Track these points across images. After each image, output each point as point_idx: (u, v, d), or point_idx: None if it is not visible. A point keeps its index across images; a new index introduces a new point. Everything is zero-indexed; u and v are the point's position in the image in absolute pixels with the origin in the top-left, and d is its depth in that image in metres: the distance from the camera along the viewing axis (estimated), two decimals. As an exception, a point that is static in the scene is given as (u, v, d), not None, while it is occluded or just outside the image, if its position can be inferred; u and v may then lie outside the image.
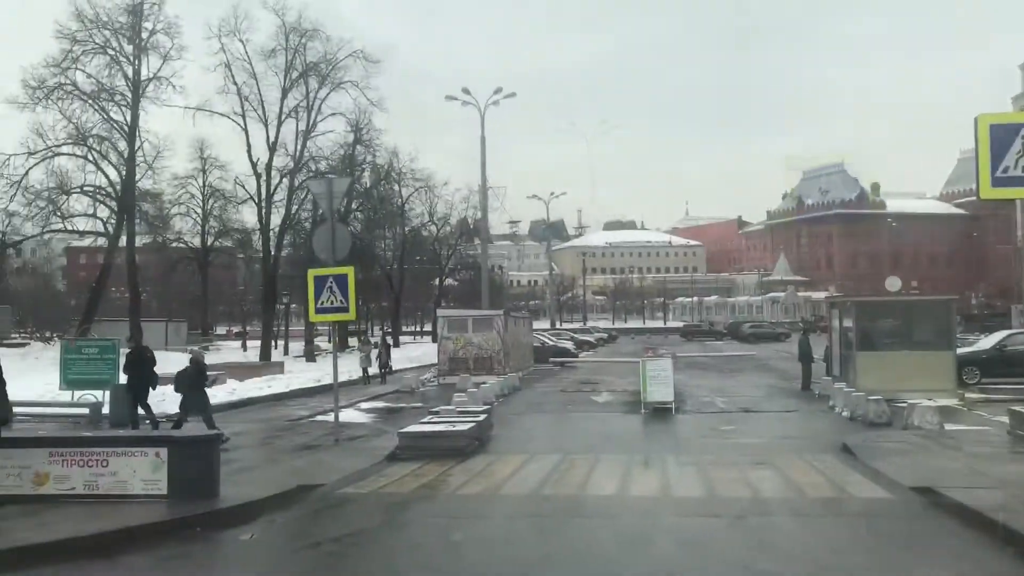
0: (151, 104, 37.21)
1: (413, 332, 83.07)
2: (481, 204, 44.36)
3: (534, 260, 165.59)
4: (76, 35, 35.04)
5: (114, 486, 9.99)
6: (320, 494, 11.10)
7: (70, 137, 35.59)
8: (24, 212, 35.47)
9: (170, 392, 17.20)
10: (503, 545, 8.39)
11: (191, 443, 10.22)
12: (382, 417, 21.03)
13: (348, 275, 15.37)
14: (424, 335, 78.04)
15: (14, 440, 10.27)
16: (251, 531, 9.19)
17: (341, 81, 39.71)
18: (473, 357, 31.10)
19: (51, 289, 67.33)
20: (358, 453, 14.38)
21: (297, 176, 40.41)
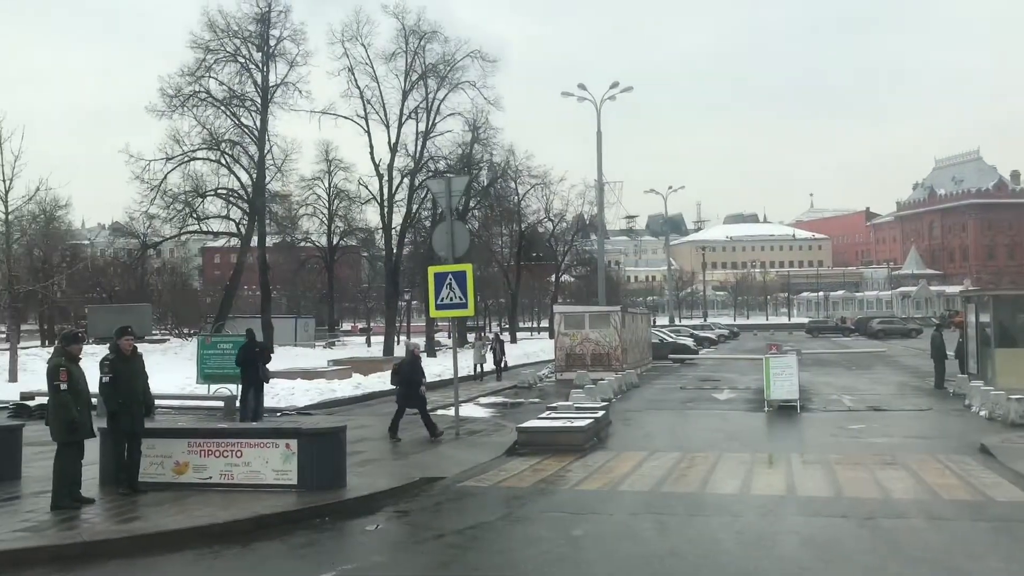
0: (279, 109, 38.71)
1: (530, 328, 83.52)
2: (597, 199, 44.16)
3: (651, 255, 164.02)
4: (209, 44, 36.80)
5: (248, 476, 10.45)
6: (442, 486, 11.33)
7: (204, 142, 37.38)
8: (163, 215, 37.46)
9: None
10: (624, 541, 8.34)
11: (319, 435, 10.58)
12: (501, 412, 21.24)
13: (467, 272, 15.61)
14: (541, 331, 78.42)
15: (156, 431, 10.87)
16: (376, 521, 9.44)
17: (459, 81, 40.34)
18: (590, 353, 31.02)
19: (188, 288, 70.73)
20: (478, 447, 14.59)
21: (417, 176, 41.17)
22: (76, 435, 9.57)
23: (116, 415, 10.10)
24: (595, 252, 68.20)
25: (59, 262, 51.86)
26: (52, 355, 9.86)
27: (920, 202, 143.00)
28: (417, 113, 40.50)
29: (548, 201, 59.98)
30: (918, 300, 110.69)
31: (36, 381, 25.19)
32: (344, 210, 54.42)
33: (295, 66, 38.20)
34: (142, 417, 10.40)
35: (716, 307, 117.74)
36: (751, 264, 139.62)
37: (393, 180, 40.85)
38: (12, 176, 25.27)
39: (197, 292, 72.48)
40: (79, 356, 9.89)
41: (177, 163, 36.73)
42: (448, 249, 15.81)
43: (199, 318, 48.09)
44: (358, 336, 70.74)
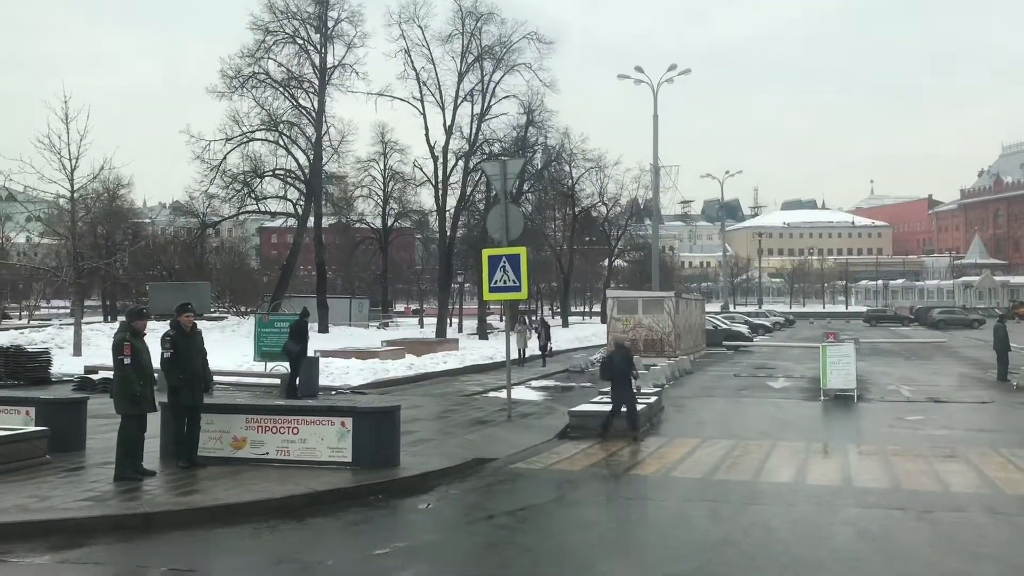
0: (336, 91, 39.02)
1: (582, 312, 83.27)
2: (653, 183, 43.86)
3: (707, 241, 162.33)
4: (268, 26, 37.15)
5: (304, 452, 10.61)
6: (494, 467, 11.38)
7: (263, 123, 37.84)
8: (222, 194, 38.09)
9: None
10: (677, 528, 8.30)
11: (374, 414, 10.69)
12: (553, 395, 21.26)
13: (521, 255, 15.57)
14: (592, 315, 78.17)
15: (215, 406, 11.08)
16: (428, 500, 9.53)
17: (515, 63, 40.15)
18: (643, 339, 30.83)
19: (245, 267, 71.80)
20: (530, 429, 14.62)
21: (472, 158, 41.21)
22: (138, 408, 9.81)
23: (176, 390, 10.31)
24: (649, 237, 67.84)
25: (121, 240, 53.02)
26: (117, 330, 10.09)
27: (985, 190, 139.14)
28: (472, 95, 40.53)
29: (603, 185, 59.76)
30: (981, 290, 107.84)
31: (99, 356, 25.87)
32: (399, 192, 54.81)
33: (352, 48, 38.50)
34: (201, 392, 10.61)
35: (772, 294, 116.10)
36: (808, 251, 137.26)
37: (448, 162, 40.94)
38: (78, 155, 25.89)
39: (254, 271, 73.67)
40: (143, 331, 10.12)
41: (236, 143, 37.30)
42: (502, 232, 15.79)
43: (256, 297, 48.85)
44: (411, 317, 71.25)
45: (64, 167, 25.86)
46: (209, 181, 36.80)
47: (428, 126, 40.18)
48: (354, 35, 38.38)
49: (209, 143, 36.56)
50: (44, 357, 20.71)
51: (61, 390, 19.26)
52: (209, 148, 36.51)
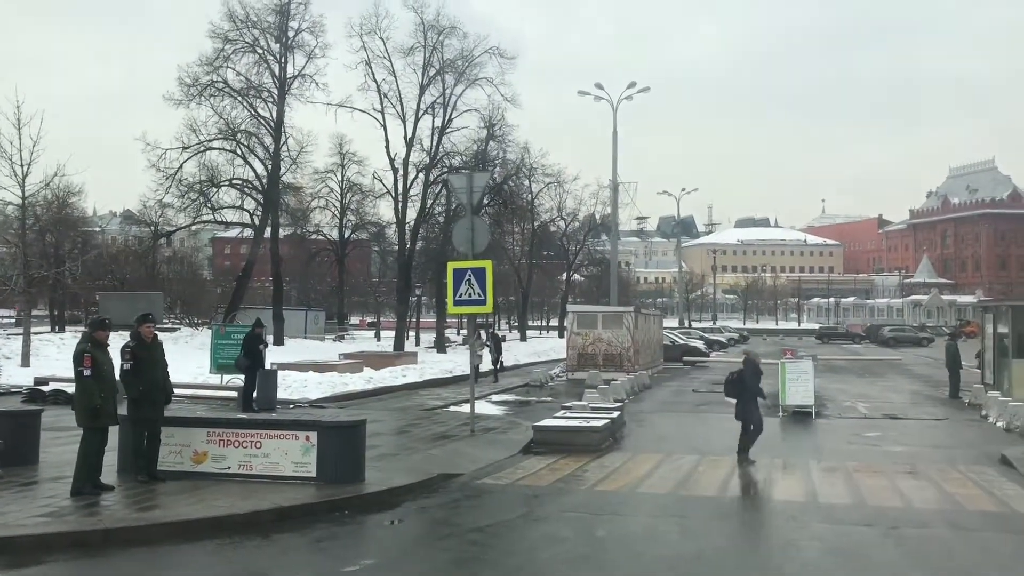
0: (296, 101, 38.65)
1: (539, 327, 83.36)
2: (612, 200, 44.00)
3: (662, 257, 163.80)
4: (228, 35, 36.70)
5: (267, 467, 10.41)
6: (460, 483, 11.27)
7: (221, 132, 37.32)
8: (177, 204, 37.45)
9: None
10: (648, 543, 8.28)
11: (340, 428, 10.52)
12: (513, 410, 21.18)
13: (487, 268, 15.50)
14: (551, 330, 78.28)
15: (176, 419, 10.84)
16: (395, 517, 9.39)
17: (477, 78, 40.09)
18: (602, 353, 30.91)
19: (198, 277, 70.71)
20: (494, 445, 14.52)
21: (432, 171, 41.10)
22: (99, 421, 9.54)
23: (137, 402, 10.05)
24: (607, 252, 68.23)
25: (71, 248, 51.93)
26: (79, 341, 9.81)
27: (933, 210, 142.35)
28: (434, 108, 40.38)
29: (561, 200, 59.93)
30: (929, 309, 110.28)
31: (48, 366, 25.25)
32: (357, 204, 54.44)
33: (313, 58, 38.17)
34: (162, 405, 10.36)
35: (726, 310, 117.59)
36: (762, 268, 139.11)
37: (408, 175, 40.74)
38: (31, 161, 25.26)
39: (206, 282, 72.57)
40: (106, 342, 9.84)
41: (193, 152, 36.71)
42: (468, 245, 15.72)
43: (210, 308, 48.14)
44: (366, 331, 70.72)
45: (15, 173, 25.25)
46: (164, 190, 36.22)
47: (389, 138, 40.04)
48: (315, 45, 38.13)
49: (165, 151, 36.00)
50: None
51: (10, 401, 18.72)
52: (165, 156, 35.94)
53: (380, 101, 39.49)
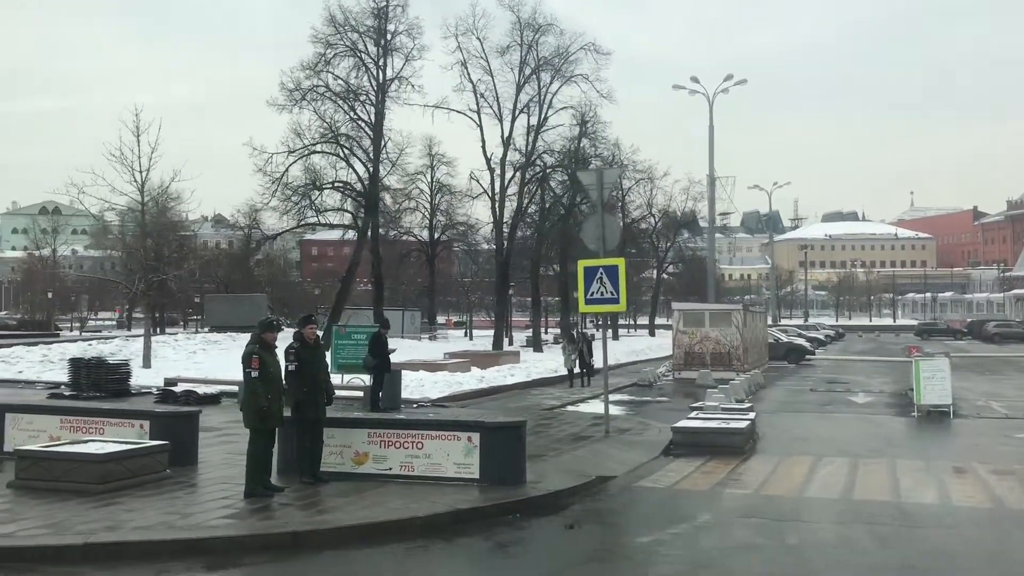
0: (393, 103, 38.95)
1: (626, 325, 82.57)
2: (708, 195, 43.18)
3: (746, 253, 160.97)
4: (329, 39, 37.21)
5: (429, 468, 10.31)
6: (617, 486, 11.01)
7: (323, 136, 37.86)
8: (281, 207, 38.09)
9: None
10: (846, 551, 7.89)
11: (502, 429, 10.38)
12: (633, 410, 20.81)
13: (619, 266, 15.22)
14: (639, 328, 77.49)
15: (337, 420, 10.82)
16: (567, 520, 9.19)
17: (572, 74, 39.88)
18: (710, 352, 30.37)
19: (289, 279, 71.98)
20: (633, 446, 14.22)
21: (528, 170, 40.99)
22: (267, 422, 9.57)
23: (301, 404, 10.07)
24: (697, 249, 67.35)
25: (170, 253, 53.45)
26: (248, 342, 9.86)
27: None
28: (529, 107, 40.29)
29: (651, 196, 59.28)
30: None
31: (169, 367, 25.91)
32: (446, 204, 54.77)
33: (410, 60, 38.44)
34: (325, 406, 10.38)
35: (815, 307, 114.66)
36: (851, 263, 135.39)
37: (505, 174, 40.70)
38: (149, 167, 26.00)
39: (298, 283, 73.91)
40: (274, 344, 9.88)
41: (298, 156, 37.34)
42: (599, 242, 15.47)
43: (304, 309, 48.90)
44: (453, 330, 71.04)
45: (135, 179, 25.98)
46: (271, 194, 36.87)
47: (485, 138, 40.08)
48: (412, 47, 38.40)
49: (271, 155, 36.66)
50: (124, 369, 20.65)
51: (144, 402, 19.18)
52: (272, 160, 36.60)
53: (476, 101, 39.61)
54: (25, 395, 19.99)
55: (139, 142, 25.84)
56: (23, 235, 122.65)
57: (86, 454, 9.70)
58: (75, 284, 72.89)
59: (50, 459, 9.71)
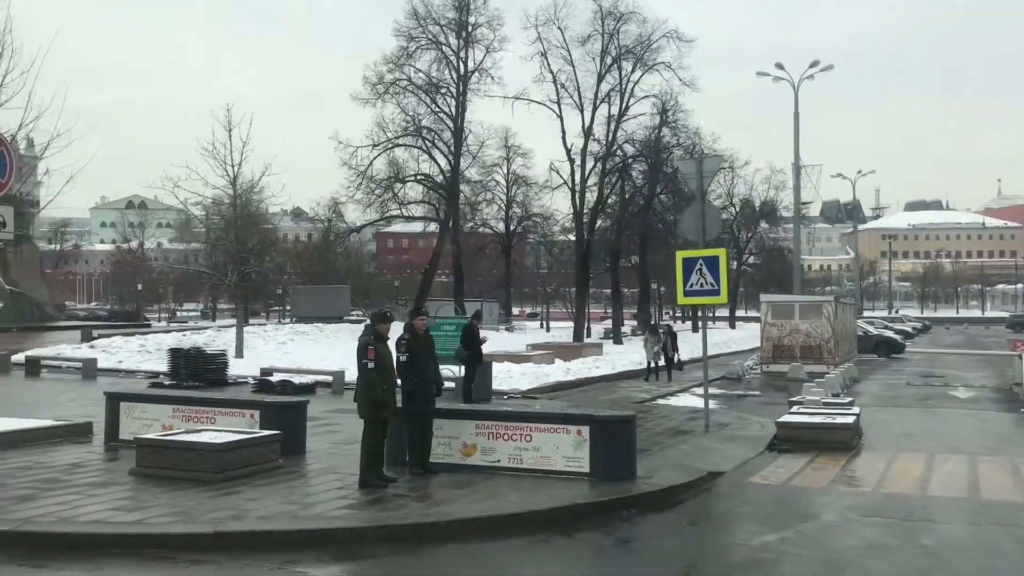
0: (473, 95, 39.01)
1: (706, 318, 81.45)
2: (794, 184, 42.16)
3: (825, 243, 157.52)
4: (411, 32, 37.44)
5: (537, 461, 10.22)
6: (729, 482, 10.78)
7: (405, 129, 38.15)
8: (365, 199, 38.49)
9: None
10: (988, 555, 7.56)
11: (613, 423, 10.24)
12: (727, 404, 20.44)
13: (720, 257, 14.94)
14: (717, 320, 76.43)
15: (445, 411, 10.80)
16: (681, 516, 9.03)
17: (655, 63, 39.38)
18: (799, 345, 29.65)
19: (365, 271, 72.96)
20: (736, 441, 13.93)
21: (608, 161, 40.66)
22: (382, 414, 9.59)
23: (412, 395, 10.07)
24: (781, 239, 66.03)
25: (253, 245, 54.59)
26: (362, 333, 9.90)
27: None
28: (610, 97, 39.94)
29: (731, 185, 58.33)
30: None
31: (261, 357, 26.35)
32: (522, 196, 54.66)
33: (491, 51, 38.42)
34: (434, 397, 10.37)
35: (899, 299, 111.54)
36: (936, 253, 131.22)
37: (586, 165, 40.42)
38: (240, 162, 26.51)
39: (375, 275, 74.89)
40: (388, 335, 9.89)
41: (382, 150, 37.72)
42: (698, 233, 15.17)
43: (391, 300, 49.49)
44: (526, 321, 71.03)
45: (227, 173, 26.51)
46: (356, 187, 37.29)
47: (565, 128, 39.85)
48: (492, 39, 38.39)
49: (356, 149, 37.08)
50: (221, 359, 21.09)
51: (242, 391, 19.55)
52: (356, 154, 37.01)
53: (556, 92, 39.37)
54: (127, 384, 20.57)
55: (231, 137, 26.39)
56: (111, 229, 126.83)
57: (204, 443, 9.85)
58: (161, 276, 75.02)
59: (169, 448, 9.89)
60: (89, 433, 12.77)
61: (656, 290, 65.86)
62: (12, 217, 8.97)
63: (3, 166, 8.96)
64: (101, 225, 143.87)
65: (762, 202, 61.65)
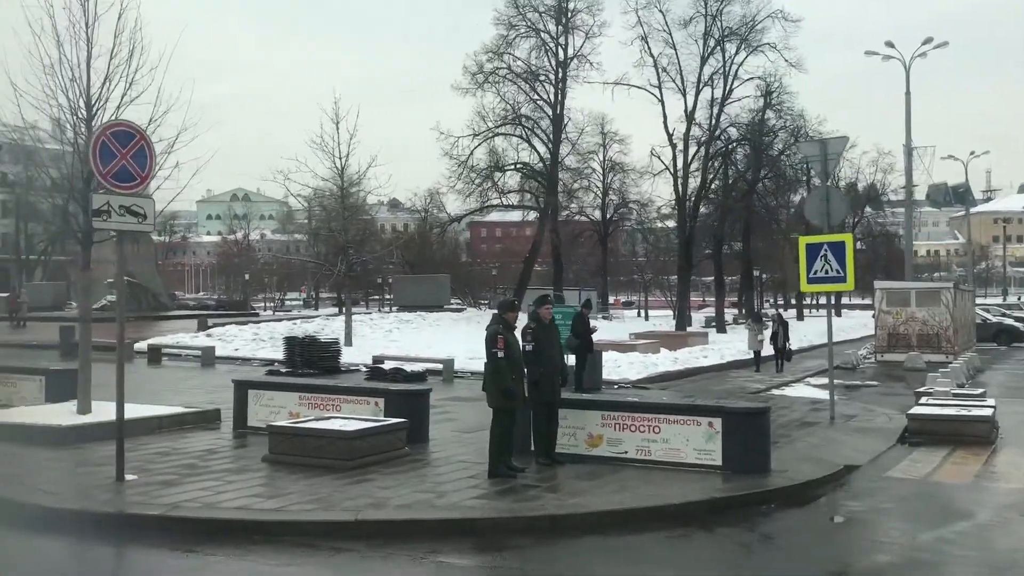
0: (573, 82, 38.70)
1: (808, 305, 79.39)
2: (906, 167, 40.47)
3: (932, 228, 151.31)
4: (511, 20, 37.36)
5: (666, 453, 10.00)
6: (865, 476, 10.34)
7: (505, 118, 38.12)
8: (465, 189, 38.64)
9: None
10: None
11: (746, 415, 9.94)
12: (845, 394, 19.69)
13: (846, 242, 14.41)
14: (819, 308, 74.34)
15: (569, 401, 10.66)
16: (822, 511, 8.71)
17: (759, 44, 38.35)
18: (916, 333, 28.50)
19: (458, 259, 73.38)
20: (864, 433, 13.41)
21: (713, 144, 39.84)
22: (511, 403, 9.50)
23: (538, 384, 9.96)
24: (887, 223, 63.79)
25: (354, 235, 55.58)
26: (490, 322, 9.85)
27: None
28: (712, 79, 39.09)
29: (837, 169, 56.39)
30: None
31: (370, 345, 26.71)
32: (619, 183, 54.04)
33: (590, 37, 38.03)
34: (559, 387, 10.25)
35: (1013, 285, 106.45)
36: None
37: (689, 150, 39.72)
38: (348, 153, 26.93)
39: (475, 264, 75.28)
40: (515, 324, 9.81)
41: (482, 139, 37.80)
42: (823, 217, 14.64)
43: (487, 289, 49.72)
44: (621, 309, 70.39)
45: (335, 166, 26.95)
46: (457, 177, 37.48)
47: (666, 113, 39.20)
48: (592, 24, 37.98)
49: (457, 139, 37.24)
50: (335, 348, 21.48)
51: (354, 378, 19.83)
52: (457, 144, 37.18)
53: (657, 76, 38.74)
54: (244, 372, 21.12)
55: (338, 129, 26.82)
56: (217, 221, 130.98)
57: (335, 431, 9.96)
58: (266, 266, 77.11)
59: (301, 435, 10.03)
60: (217, 420, 13.11)
61: (758, 277, 64.40)
62: (153, 209, 9.16)
63: (143, 158, 9.15)
64: (207, 218, 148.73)
65: (868, 185, 59.56)
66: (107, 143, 8.87)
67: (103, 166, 8.82)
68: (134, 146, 9.04)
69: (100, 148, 8.83)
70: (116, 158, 8.89)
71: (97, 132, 9.11)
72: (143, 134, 9.32)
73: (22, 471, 9.46)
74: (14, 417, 12.19)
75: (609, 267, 68.89)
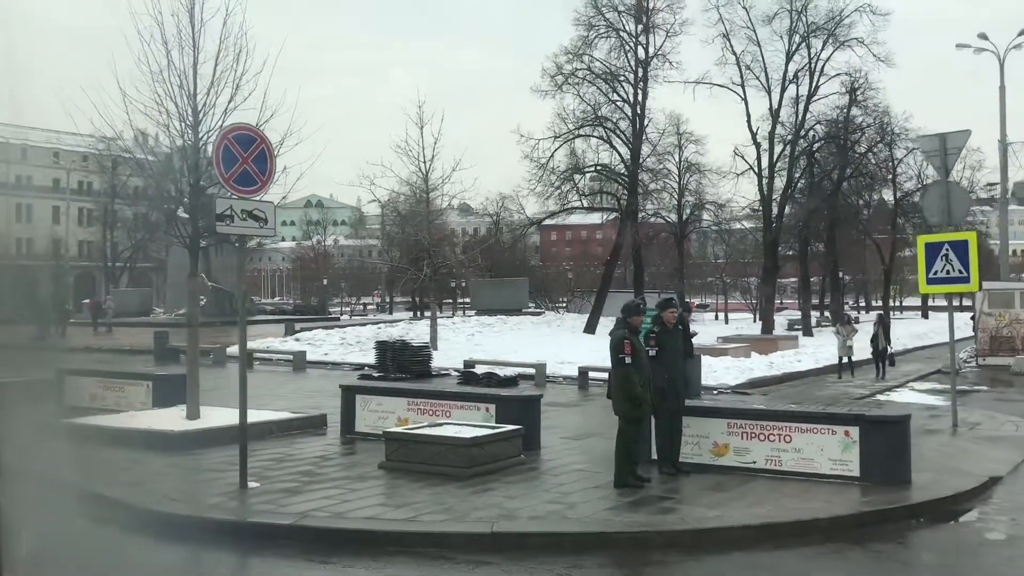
0: (653, 81, 38.05)
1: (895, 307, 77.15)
2: (1001, 163, 38.88)
3: (1019, 227, 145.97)
4: (591, 20, 36.91)
5: (798, 463, 9.53)
6: (1012, 489, 9.71)
7: (585, 120, 37.66)
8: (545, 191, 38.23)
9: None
10: None
11: (887, 423, 9.43)
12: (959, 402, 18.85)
13: (969, 241, 13.65)
14: (905, 309, 72.21)
15: (692, 409, 10.25)
16: (979, 526, 8.16)
17: (847, 39, 37.20)
18: (1021, 336, 27.28)
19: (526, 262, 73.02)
20: (995, 442, 12.69)
21: (798, 143, 38.80)
22: (639, 411, 9.14)
23: (663, 391, 9.58)
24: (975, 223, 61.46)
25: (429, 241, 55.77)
26: (614, 327, 9.52)
27: None
28: (798, 77, 38.07)
29: (923, 167, 54.56)
30: None
31: (455, 349, 26.55)
32: (695, 184, 53.04)
33: (671, 36, 37.32)
34: (684, 394, 9.86)
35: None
36: None
37: (774, 149, 38.71)
38: (432, 157, 26.87)
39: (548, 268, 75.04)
40: (640, 328, 9.45)
41: (563, 141, 37.39)
42: (943, 215, 13.96)
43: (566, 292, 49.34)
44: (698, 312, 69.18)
45: (420, 169, 26.92)
46: (537, 179, 37.13)
47: (749, 112, 38.26)
48: (673, 23, 37.25)
49: (538, 141, 36.91)
50: (425, 352, 21.39)
51: (445, 383, 19.70)
52: (538, 146, 36.84)
53: (740, 74, 37.77)
54: (336, 376, 21.11)
55: (422, 134, 26.77)
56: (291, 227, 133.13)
57: (453, 438, 9.74)
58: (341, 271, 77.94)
59: (418, 442, 9.83)
60: (323, 425, 13.01)
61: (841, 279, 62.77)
62: (274, 213, 9.05)
63: (263, 162, 9.06)
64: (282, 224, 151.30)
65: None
66: (229, 147, 8.79)
67: (226, 170, 8.74)
68: (255, 150, 8.96)
69: (223, 152, 8.75)
70: (238, 162, 8.81)
71: (219, 136, 9.03)
72: (263, 137, 9.24)
73: (145, 477, 9.45)
74: (126, 422, 12.26)
75: (686, 269, 67.93)
